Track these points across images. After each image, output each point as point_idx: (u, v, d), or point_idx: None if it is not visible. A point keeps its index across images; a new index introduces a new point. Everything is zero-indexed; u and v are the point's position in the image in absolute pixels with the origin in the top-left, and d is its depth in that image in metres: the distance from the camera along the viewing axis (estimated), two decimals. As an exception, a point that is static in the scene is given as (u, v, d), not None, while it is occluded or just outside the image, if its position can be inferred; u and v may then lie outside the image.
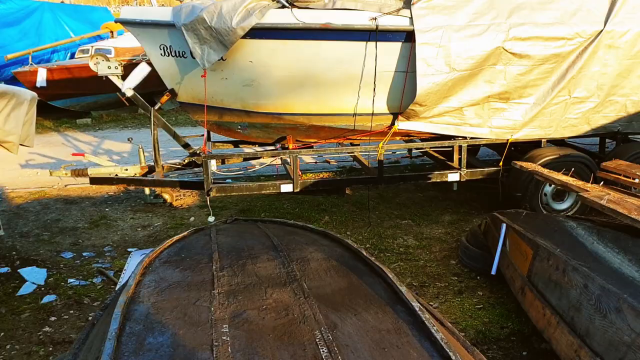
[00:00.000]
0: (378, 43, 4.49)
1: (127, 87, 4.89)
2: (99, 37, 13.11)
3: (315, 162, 7.66)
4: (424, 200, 6.00)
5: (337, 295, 1.82)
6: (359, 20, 4.46)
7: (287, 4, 4.47)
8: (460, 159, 5.04)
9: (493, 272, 3.73)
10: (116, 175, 5.46)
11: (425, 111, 4.69)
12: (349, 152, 5.56)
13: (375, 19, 4.43)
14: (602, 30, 4.58)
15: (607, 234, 3.13)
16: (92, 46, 11.81)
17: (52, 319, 3.64)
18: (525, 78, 4.66)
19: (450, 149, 5.07)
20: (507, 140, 4.97)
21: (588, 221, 3.47)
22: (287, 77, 4.71)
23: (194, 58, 4.53)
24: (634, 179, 3.89)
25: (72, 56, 12.45)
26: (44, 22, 13.00)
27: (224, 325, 1.60)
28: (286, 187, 4.93)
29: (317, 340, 1.52)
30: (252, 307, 1.73)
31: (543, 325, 2.89)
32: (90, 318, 3.30)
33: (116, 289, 2.98)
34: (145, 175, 5.54)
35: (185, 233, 2.54)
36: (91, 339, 1.82)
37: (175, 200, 6.12)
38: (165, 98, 5.10)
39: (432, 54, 4.41)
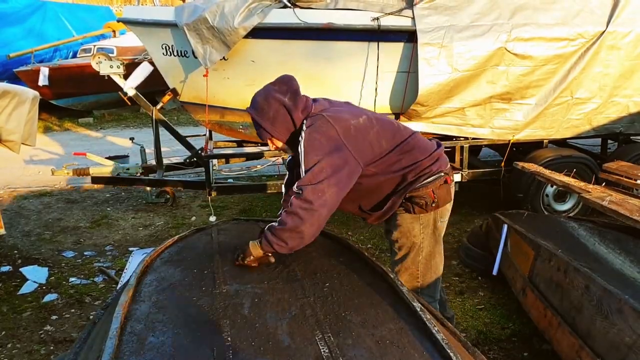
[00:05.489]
0: (380, 43, 4.49)
1: (129, 86, 4.91)
2: (101, 37, 13.13)
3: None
4: (426, 201, 5.97)
5: (338, 295, 1.82)
6: (361, 20, 4.46)
7: (289, 4, 4.47)
8: (461, 160, 5.03)
9: (494, 272, 3.72)
10: (118, 174, 5.47)
11: (427, 111, 4.68)
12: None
13: (378, 19, 4.43)
14: (604, 31, 4.57)
15: (608, 235, 3.13)
16: (94, 45, 11.82)
17: (54, 317, 3.64)
18: (527, 79, 4.65)
19: (452, 149, 5.08)
20: (509, 140, 4.97)
21: (590, 222, 3.46)
22: (288, 77, 4.70)
23: (196, 57, 4.54)
24: (635, 180, 3.88)
25: (74, 55, 12.47)
26: (46, 21, 13.02)
27: (225, 325, 1.60)
28: (287, 187, 4.92)
29: (317, 340, 1.52)
30: (253, 307, 1.73)
31: (544, 326, 2.89)
32: (91, 317, 3.31)
33: (117, 288, 2.98)
34: (146, 174, 5.55)
35: (186, 232, 2.54)
36: (92, 337, 1.82)
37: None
38: (167, 97, 5.10)
39: (434, 55, 4.41)
